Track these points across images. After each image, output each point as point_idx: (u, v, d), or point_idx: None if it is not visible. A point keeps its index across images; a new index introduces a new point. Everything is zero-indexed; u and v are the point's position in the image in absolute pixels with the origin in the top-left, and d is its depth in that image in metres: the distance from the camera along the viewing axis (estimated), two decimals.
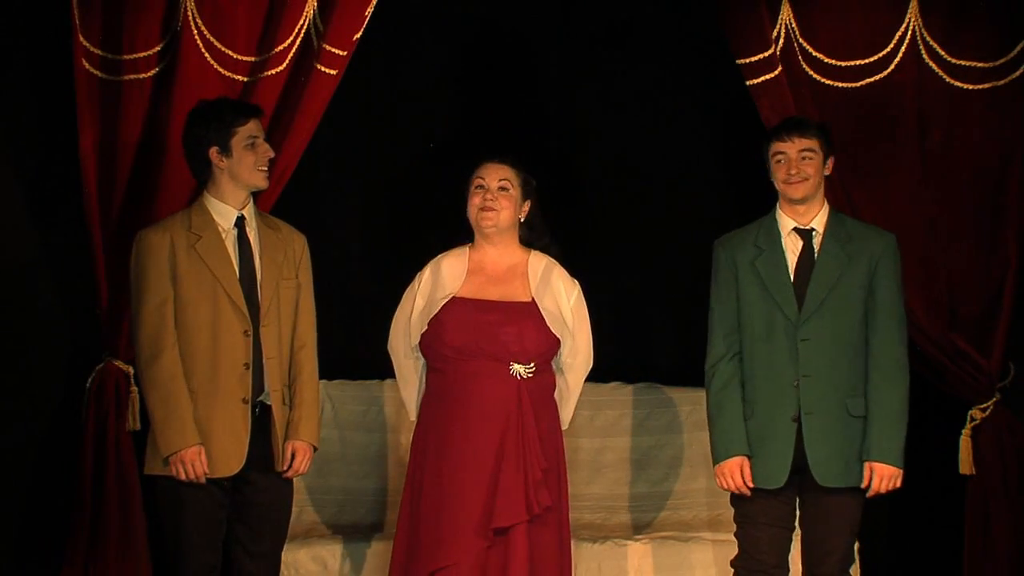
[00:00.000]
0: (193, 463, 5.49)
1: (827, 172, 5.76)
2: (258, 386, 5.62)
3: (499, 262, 5.83)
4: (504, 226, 5.82)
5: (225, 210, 5.66)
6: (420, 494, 5.72)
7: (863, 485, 5.61)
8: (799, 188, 5.67)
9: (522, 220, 5.88)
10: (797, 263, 5.70)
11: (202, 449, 5.51)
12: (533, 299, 5.77)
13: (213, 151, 5.63)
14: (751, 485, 5.64)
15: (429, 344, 5.78)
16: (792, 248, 5.71)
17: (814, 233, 5.71)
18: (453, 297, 5.76)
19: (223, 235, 5.65)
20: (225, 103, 5.79)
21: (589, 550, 6.51)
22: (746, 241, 5.75)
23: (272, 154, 5.73)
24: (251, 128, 5.65)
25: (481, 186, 5.81)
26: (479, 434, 5.66)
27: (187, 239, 5.59)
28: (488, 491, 5.62)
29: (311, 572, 6.48)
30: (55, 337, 6.66)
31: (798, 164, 5.67)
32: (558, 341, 5.79)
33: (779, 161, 5.69)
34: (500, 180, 5.82)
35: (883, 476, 5.59)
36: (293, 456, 5.68)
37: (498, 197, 5.80)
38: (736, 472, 5.65)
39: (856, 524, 5.70)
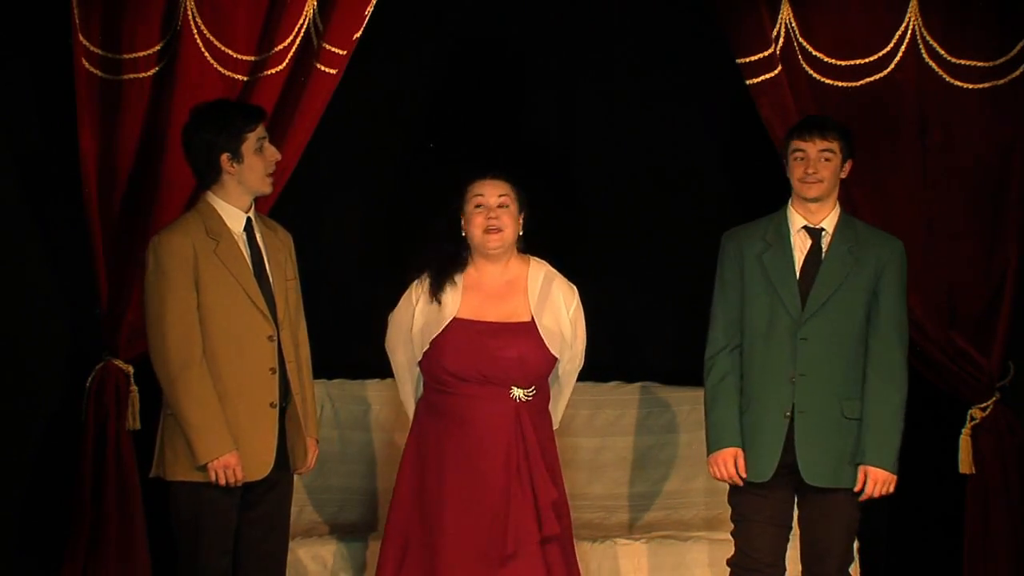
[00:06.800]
0: (235, 468, 5.47)
1: (843, 175, 5.73)
2: (283, 390, 5.60)
3: (498, 278, 5.74)
4: (508, 244, 5.72)
5: (234, 213, 5.58)
6: (417, 510, 5.65)
7: (856, 488, 5.59)
8: (814, 188, 5.64)
9: (521, 233, 5.78)
10: (804, 261, 5.67)
11: (239, 455, 5.49)
12: (532, 318, 5.69)
13: (224, 158, 5.52)
14: (744, 476, 5.62)
15: (429, 366, 5.69)
16: (800, 246, 5.69)
17: (823, 233, 5.69)
18: (453, 319, 5.66)
19: (236, 239, 5.62)
20: (230, 107, 5.72)
21: (588, 550, 6.50)
22: (755, 235, 5.72)
23: (279, 157, 5.65)
24: (259, 132, 5.59)
25: (481, 205, 5.67)
26: (480, 461, 5.59)
27: (207, 244, 5.50)
28: (491, 519, 5.56)
29: (311, 571, 6.48)
30: (55, 337, 6.65)
31: (816, 164, 5.64)
32: (555, 359, 5.71)
33: (798, 159, 5.66)
34: (499, 196, 5.69)
35: (877, 480, 5.57)
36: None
37: (500, 215, 5.67)
38: (729, 462, 5.63)
39: (855, 524, 5.68)
